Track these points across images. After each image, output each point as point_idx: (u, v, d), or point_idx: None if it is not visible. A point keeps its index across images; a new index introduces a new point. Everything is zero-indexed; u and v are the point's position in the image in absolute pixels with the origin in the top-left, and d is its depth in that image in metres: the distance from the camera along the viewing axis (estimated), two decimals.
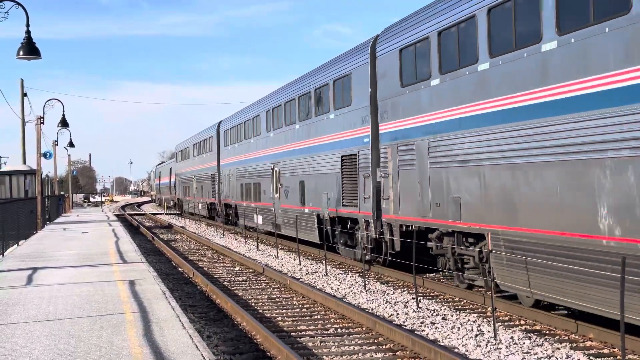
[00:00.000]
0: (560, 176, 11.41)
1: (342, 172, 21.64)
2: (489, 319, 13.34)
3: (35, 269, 18.81)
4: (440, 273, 18.16)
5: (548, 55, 11.65)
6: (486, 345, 11.28)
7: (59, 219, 49.66)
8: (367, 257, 19.92)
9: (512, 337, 11.72)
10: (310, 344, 11.83)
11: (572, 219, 11.14)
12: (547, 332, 12.36)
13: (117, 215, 59.78)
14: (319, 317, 14.22)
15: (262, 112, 32.28)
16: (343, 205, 21.56)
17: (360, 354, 11.07)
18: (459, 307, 14.88)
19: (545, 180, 11.81)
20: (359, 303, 15.39)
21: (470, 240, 15.08)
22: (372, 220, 19.46)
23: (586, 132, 10.78)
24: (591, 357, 10.48)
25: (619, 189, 10.20)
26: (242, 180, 36.47)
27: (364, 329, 12.87)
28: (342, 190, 21.60)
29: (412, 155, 16.76)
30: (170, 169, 73.18)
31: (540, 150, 11.89)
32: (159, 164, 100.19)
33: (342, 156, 21.57)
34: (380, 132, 18.75)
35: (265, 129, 31.58)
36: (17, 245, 27.16)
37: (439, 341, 11.68)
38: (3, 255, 23.05)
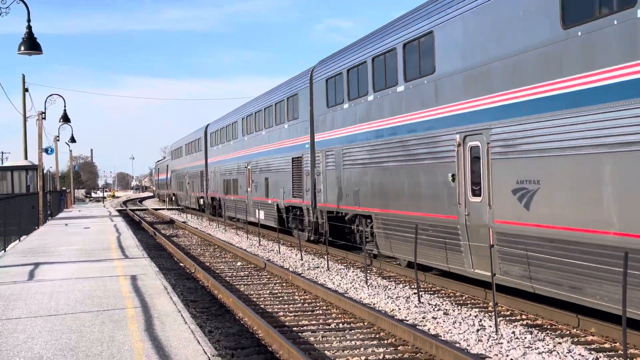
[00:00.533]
0: (406, 174, 17.31)
1: (292, 171, 27.41)
2: (490, 313, 13.34)
3: (37, 265, 18.83)
4: (439, 269, 18.12)
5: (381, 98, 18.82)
6: (488, 340, 11.28)
7: (61, 215, 49.71)
8: (311, 237, 25.78)
9: (513, 332, 11.72)
10: (312, 339, 11.84)
11: (414, 203, 16.85)
12: (549, 326, 12.37)
13: (118, 211, 59.82)
14: (320, 312, 14.23)
15: (238, 119, 38.52)
16: (293, 197, 27.33)
17: (362, 349, 11.08)
18: (461, 302, 14.89)
19: (400, 177, 17.58)
20: (360, 298, 15.40)
21: (369, 221, 20.22)
22: (310, 208, 25.31)
23: (412, 147, 16.94)
24: (592, 352, 10.48)
25: (434, 180, 15.88)
26: (224, 177, 42.26)
27: (365, 324, 12.88)
28: (293, 185, 27.34)
29: (333, 159, 22.63)
30: (167, 165, 77.96)
31: (396, 158, 17.80)
32: (158, 161, 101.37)
33: (292, 158, 27.36)
34: (315, 140, 24.62)
35: (241, 133, 37.76)
36: (19, 240, 27.19)
37: (441, 336, 11.68)
38: (5, 251, 23.07)
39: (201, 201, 52.89)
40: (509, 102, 12.85)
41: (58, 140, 57.90)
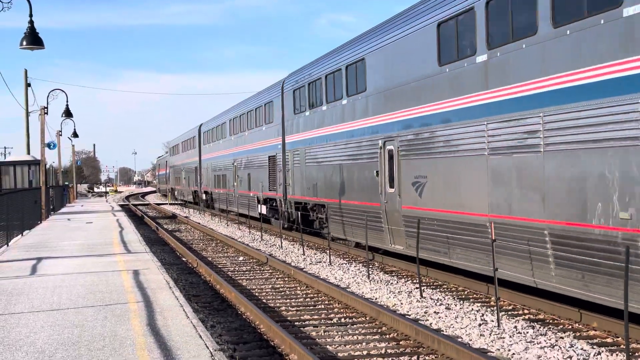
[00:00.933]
0: (347, 171, 21.52)
1: (269, 168, 31.45)
2: (492, 308, 13.34)
3: (39, 259, 18.86)
4: (444, 265, 18.16)
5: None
6: (490, 334, 11.28)
7: (63, 209, 49.76)
8: (284, 225, 29.18)
9: (515, 327, 11.72)
10: (313, 333, 11.85)
11: (354, 194, 21.04)
12: (551, 321, 12.37)
13: (121, 206, 59.86)
14: (322, 306, 14.24)
15: (226, 120, 42.71)
16: (269, 190, 31.37)
17: (364, 344, 11.08)
18: (463, 296, 14.89)
19: (343, 173, 21.81)
20: (362, 293, 15.40)
21: (324, 209, 24.13)
22: (282, 200, 29.17)
23: (351, 149, 21.31)
24: (594, 346, 10.48)
25: (366, 175, 20.09)
26: (215, 172, 46.48)
27: (367, 318, 12.88)
28: (269, 180, 31.35)
29: (298, 157, 26.59)
30: (166, 161, 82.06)
31: (340, 157, 22.02)
32: (160, 156, 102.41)
33: (269, 156, 31.39)
34: (285, 141, 28.51)
35: (228, 133, 41.92)
36: (22, 235, 27.22)
37: (443, 330, 11.69)
38: (7, 245, 23.10)
39: (196, 194, 57.11)
40: (409, 116, 17.19)
41: (60, 135, 57.97)
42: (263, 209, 32.77)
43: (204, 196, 52.35)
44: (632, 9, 10.12)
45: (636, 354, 10.14)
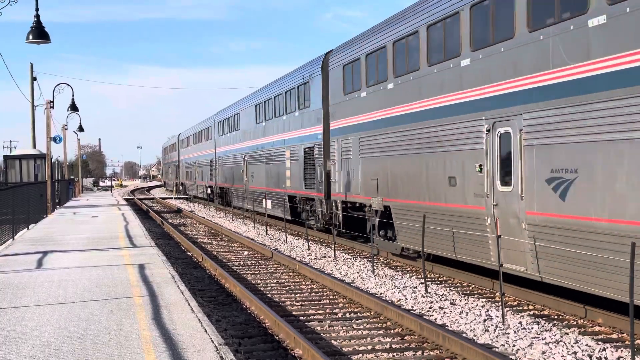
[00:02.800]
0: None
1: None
2: (497, 304, 13.34)
3: (45, 253, 18.91)
4: (448, 259, 18.16)
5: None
6: (494, 330, 11.29)
7: (69, 203, 49.85)
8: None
9: (520, 322, 11.72)
10: (318, 328, 11.86)
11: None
12: (556, 317, 12.36)
13: (126, 200, 59.96)
14: (327, 301, 14.25)
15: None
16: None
17: (368, 339, 11.10)
18: (468, 292, 14.89)
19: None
20: (367, 288, 15.41)
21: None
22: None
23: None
24: (599, 342, 10.47)
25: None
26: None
27: (372, 313, 12.89)
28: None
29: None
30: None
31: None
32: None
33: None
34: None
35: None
36: (27, 229, 27.29)
37: (448, 326, 11.69)
38: (13, 239, 23.16)
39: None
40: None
41: (66, 129, 57.97)
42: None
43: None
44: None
45: None
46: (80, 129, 62.26)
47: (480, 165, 14.17)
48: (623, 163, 10.38)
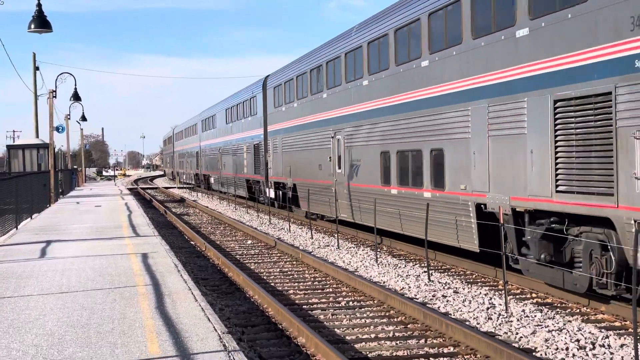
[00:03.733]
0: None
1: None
2: (500, 292, 13.34)
3: (48, 242, 18.94)
4: (452, 248, 18.19)
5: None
6: (497, 318, 11.29)
7: (72, 193, 49.91)
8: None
9: (523, 310, 11.72)
10: (321, 316, 11.88)
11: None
12: (559, 305, 12.36)
13: (129, 189, 60.02)
14: (330, 290, 14.27)
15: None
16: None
17: (371, 327, 11.11)
18: (471, 280, 14.89)
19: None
20: (370, 276, 15.42)
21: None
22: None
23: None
24: (602, 330, 10.47)
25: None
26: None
27: (375, 302, 12.90)
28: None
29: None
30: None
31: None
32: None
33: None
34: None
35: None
36: (31, 218, 27.34)
37: (451, 314, 11.70)
38: (17, 229, 23.20)
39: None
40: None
41: (69, 118, 58.07)
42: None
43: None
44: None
45: None
46: (83, 118, 62.26)
47: (329, 157, 23.62)
48: (373, 157, 19.70)
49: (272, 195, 32.43)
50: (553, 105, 11.71)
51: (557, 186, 11.70)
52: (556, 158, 11.70)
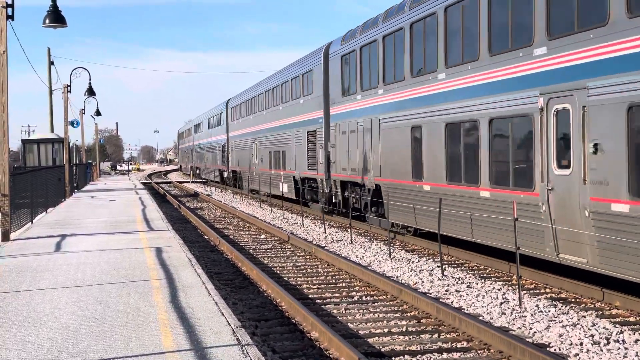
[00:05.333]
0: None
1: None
2: (514, 287, 13.31)
3: (63, 236, 19.04)
4: (466, 242, 18.16)
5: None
6: (511, 312, 11.26)
7: (87, 187, 50.14)
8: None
9: (537, 305, 11.69)
10: (335, 311, 11.89)
11: None
12: (573, 300, 12.31)
13: (143, 184, 60.22)
14: (343, 284, 14.27)
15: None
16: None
17: (385, 322, 11.11)
18: (484, 275, 14.86)
19: None
20: (383, 271, 15.42)
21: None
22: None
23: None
24: (617, 325, 10.43)
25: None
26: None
27: (388, 296, 12.90)
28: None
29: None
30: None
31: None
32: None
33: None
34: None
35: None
36: (46, 212, 27.49)
37: (464, 309, 11.68)
38: (32, 223, 23.35)
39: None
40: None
41: (84, 113, 58.20)
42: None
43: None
44: None
45: None
46: (98, 113, 62.47)
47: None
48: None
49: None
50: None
51: None
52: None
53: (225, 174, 52.31)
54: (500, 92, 14.24)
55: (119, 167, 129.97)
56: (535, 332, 10.18)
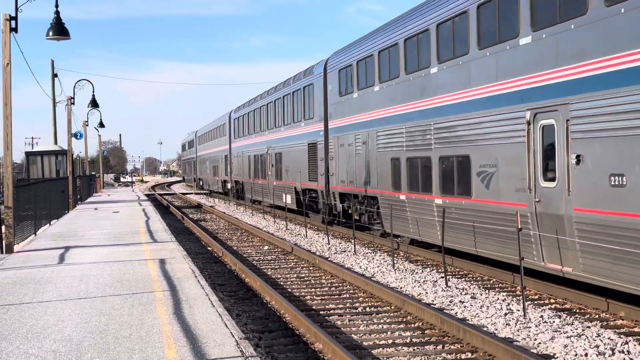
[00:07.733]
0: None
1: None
2: (518, 297, 13.27)
3: (67, 248, 19.04)
4: (469, 254, 18.12)
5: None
6: (515, 323, 11.23)
7: (90, 199, 50.18)
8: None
9: (541, 316, 11.65)
10: (338, 322, 11.86)
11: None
12: (577, 310, 12.28)
13: (147, 195, 60.24)
14: (347, 295, 14.25)
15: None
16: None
17: (389, 333, 11.08)
18: (488, 285, 14.82)
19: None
20: (387, 282, 15.39)
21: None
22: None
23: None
24: (622, 336, 10.39)
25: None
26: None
27: (392, 307, 12.87)
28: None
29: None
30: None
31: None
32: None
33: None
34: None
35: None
36: (49, 224, 27.50)
37: (468, 320, 11.65)
38: (35, 235, 23.35)
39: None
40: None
41: (87, 125, 58.38)
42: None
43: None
44: None
45: None
46: (101, 124, 62.52)
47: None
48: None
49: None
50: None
51: None
52: None
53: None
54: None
55: (122, 179, 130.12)
56: (540, 343, 10.15)
